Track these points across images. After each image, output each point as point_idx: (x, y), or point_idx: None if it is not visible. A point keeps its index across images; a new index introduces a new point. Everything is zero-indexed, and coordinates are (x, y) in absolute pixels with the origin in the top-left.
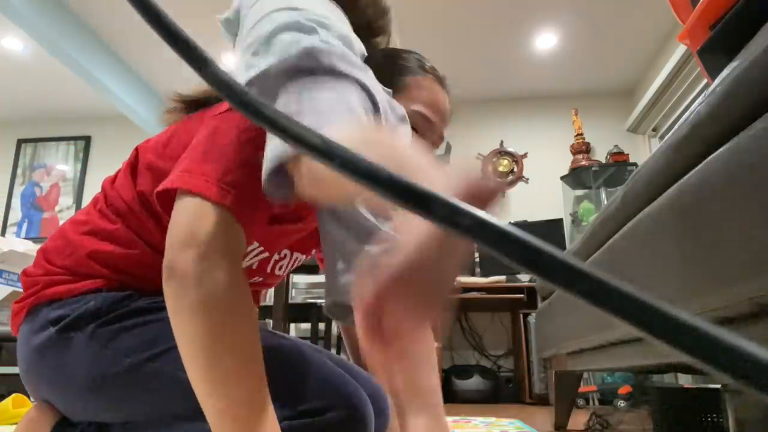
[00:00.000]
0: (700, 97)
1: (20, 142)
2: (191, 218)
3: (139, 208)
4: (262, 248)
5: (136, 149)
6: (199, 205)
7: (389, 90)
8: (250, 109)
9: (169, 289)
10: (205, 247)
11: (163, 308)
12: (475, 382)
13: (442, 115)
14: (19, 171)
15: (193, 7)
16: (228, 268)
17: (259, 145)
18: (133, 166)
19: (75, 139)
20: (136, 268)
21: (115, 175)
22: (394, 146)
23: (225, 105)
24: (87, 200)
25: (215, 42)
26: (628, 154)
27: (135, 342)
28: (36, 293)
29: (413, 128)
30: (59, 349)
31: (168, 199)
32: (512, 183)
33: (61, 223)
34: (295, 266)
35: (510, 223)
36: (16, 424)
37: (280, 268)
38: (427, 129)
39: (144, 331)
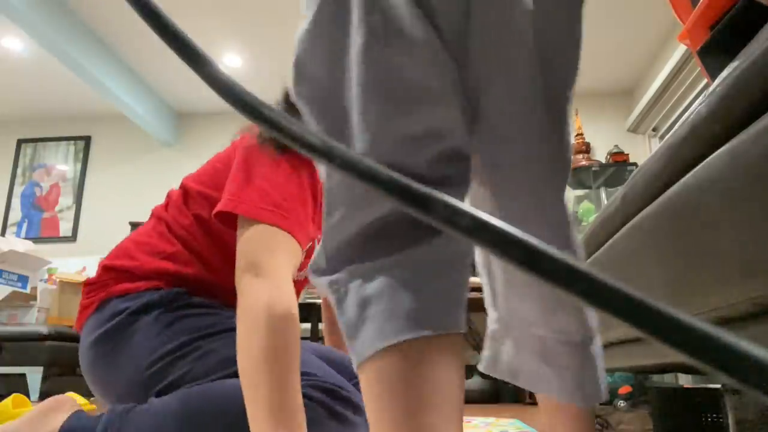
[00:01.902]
0: (700, 97)
1: (20, 142)
2: (253, 246)
3: (196, 230)
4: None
5: (184, 183)
6: (260, 231)
7: None
8: (250, 111)
9: (242, 316)
10: (268, 275)
11: (215, 307)
12: (475, 382)
13: None
14: (19, 171)
15: (193, 7)
16: (291, 312)
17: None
18: (185, 196)
19: (75, 139)
20: (191, 282)
21: (166, 203)
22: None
23: (251, 134)
24: (87, 200)
25: (215, 42)
26: (628, 154)
27: (190, 326)
28: (107, 288)
29: None
30: (126, 330)
31: (224, 218)
32: None
33: (61, 223)
34: None
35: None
36: None
37: None
38: None
39: (198, 320)
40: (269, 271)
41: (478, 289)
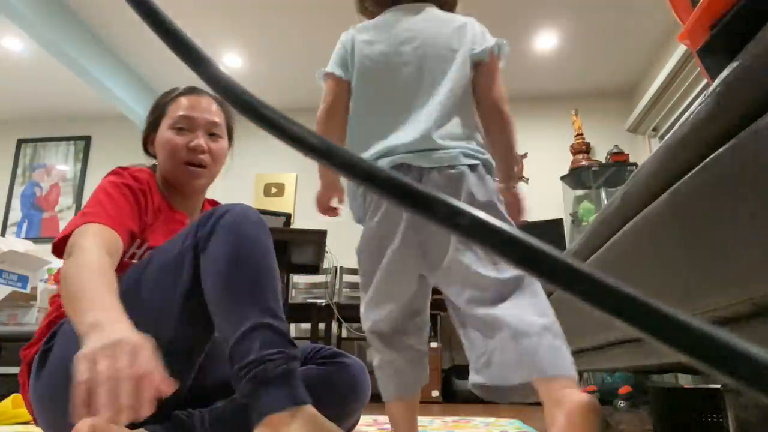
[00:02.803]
0: (700, 97)
1: (20, 142)
2: (69, 243)
3: None
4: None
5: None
6: (73, 234)
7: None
8: (250, 111)
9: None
10: (69, 252)
11: None
12: None
13: (195, 109)
14: (19, 171)
15: (193, 7)
16: (78, 259)
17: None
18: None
19: (75, 139)
20: None
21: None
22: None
23: None
24: (87, 200)
25: (215, 42)
26: (628, 154)
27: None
28: (29, 357)
29: (181, 128)
30: (52, 351)
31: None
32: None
33: (60, 223)
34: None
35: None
36: (16, 424)
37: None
38: (190, 124)
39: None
40: (73, 251)
41: None
